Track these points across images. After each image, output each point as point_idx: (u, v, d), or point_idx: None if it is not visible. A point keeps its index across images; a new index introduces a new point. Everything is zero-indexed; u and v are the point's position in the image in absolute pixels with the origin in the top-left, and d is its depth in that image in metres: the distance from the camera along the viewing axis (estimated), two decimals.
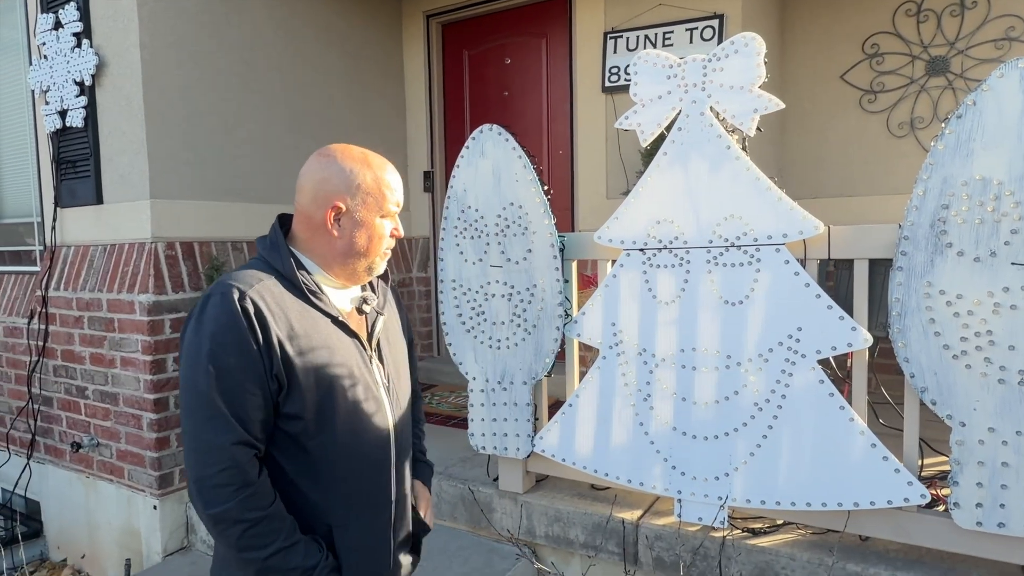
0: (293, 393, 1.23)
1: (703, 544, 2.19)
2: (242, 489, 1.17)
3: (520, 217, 2.44)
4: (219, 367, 1.18)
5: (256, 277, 1.25)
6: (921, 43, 3.83)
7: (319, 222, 1.31)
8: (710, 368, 2.14)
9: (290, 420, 1.25)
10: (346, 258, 1.34)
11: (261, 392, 1.20)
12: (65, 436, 3.47)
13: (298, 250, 1.35)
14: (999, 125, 1.73)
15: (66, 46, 3.24)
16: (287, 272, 1.29)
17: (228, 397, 1.18)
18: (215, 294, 1.21)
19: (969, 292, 1.78)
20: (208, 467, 1.17)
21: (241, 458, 1.18)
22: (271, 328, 1.20)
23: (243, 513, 1.17)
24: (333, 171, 1.31)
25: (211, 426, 1.17)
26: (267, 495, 1.21)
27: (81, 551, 3.52)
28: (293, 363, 1.23)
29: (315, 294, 1.31)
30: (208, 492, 1.17)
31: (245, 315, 1.19)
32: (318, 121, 3.95)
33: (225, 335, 1.18)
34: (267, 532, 1.20)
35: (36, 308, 3.51)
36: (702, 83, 2.12)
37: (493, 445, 2.59)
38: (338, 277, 1.37)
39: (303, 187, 1.33)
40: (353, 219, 1.31)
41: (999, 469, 1.78)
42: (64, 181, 3.41)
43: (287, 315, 1.24)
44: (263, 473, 1.23)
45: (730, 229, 2.09)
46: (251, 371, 1.19)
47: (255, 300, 1.20)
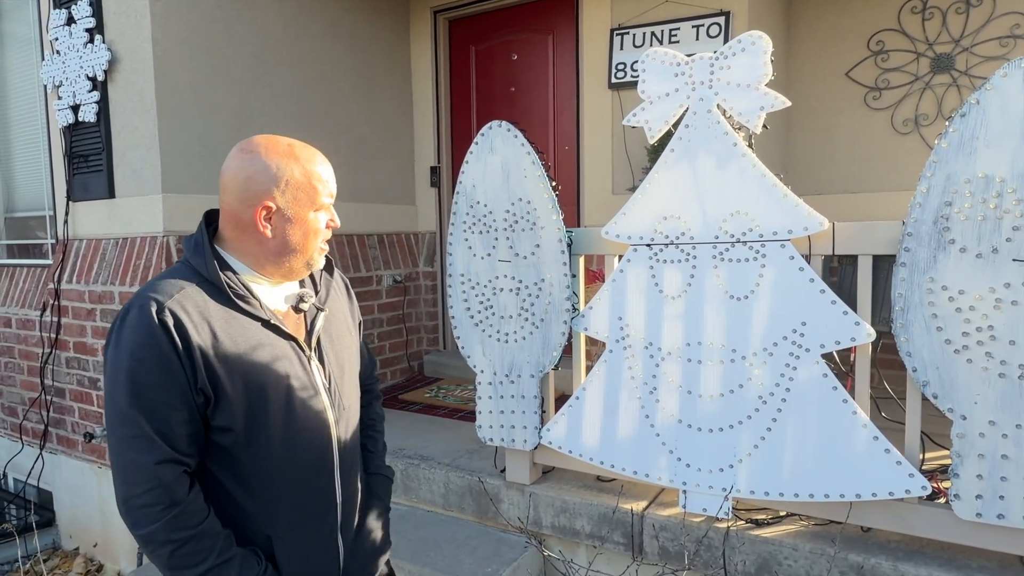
0: (221, 404, 1.19)
1: (707, 534, 2.23)
2: (169, 509, 1.14)
3: (528, 212, 2.47)
4: (139, 384, 1.14)
5: (176, 286, 1.19)
6: (926, 40, 3.85)
7: (248, 222, 1.25)
8: (715, 362, 2.18)
9: (221, 432, 1.22)
10: (280, 257, 1.28)
11: (186, 407, 1.17)
12: (77, 427, 3.52)
13: (226, 250, 1.28)
14: (1002, 124, 1.75)
15: (78, 41, 3.27)
16: (211, 276, 1.23)
17: (150, 415, 1.14)
18: (133, 307, 1.17)
19: (971, 288, 1.81)
20: (133, 487, 1.14)
21: (166, 477, 1.14)
22: (192, 340, 1.16)
23: (171, 533, 1.14)
24: (258, 168, 1.23)
25: (134, 445, 1.14)
26: (196, 513, 1.18)
27: (93, 540, 3.57)
28: (218, 374, 1.18)
29: (243, 298, 1.25)
30: (134, 513, 1.15)
31: (164, 329, 1.14)
32: (326, 116, 3.99)
33: (143, 351, 1.14)
34: (198, 551, 1.17)
35: (48, 300, 3.56)
36: (709, 81, 2.14)
37: (500, 437, 2.63)
38: (272, 276, 1.31)
39: (227, 185, 1.25)
40: (284, 216, 1.25)
41: (999, 461, 1.81)
42: (76, 175, 3.45)
43: (211, 324, 1.19)
44: (194, 490, 1.19)
45: (736, 225, 2.12)
46: (173, 386, 1.15)
47: (175, 311, 1.16)
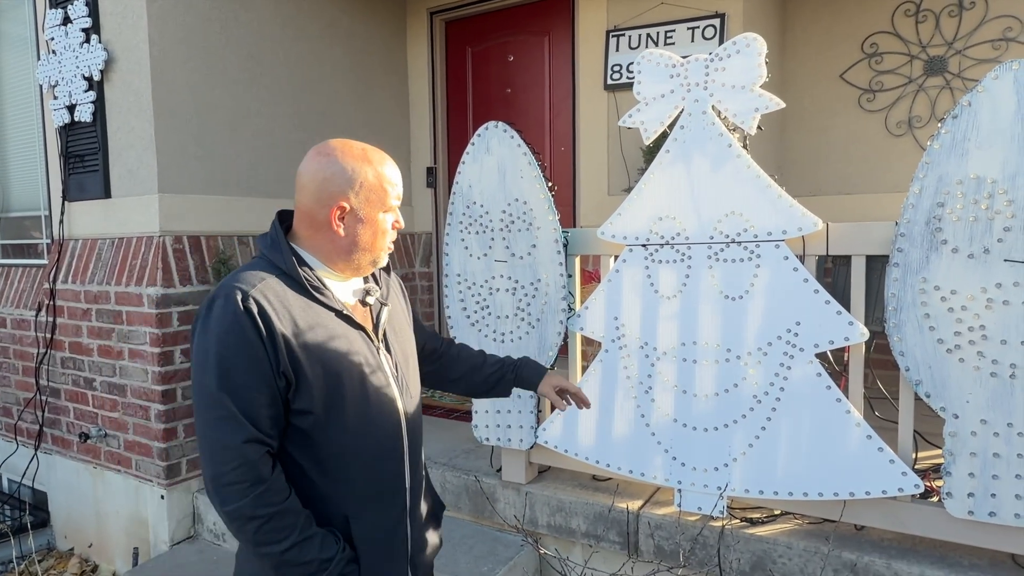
0: (302, 389, 1.25)
1: (702, 533, 2.25)
2: (255, 486, 1.20)
3: (525, 213, 2.48)
4: (226, 368, 1.20)
5: (258, 277, 1.27)
6: (919, 43, 3.88)
7: (323, 221, 1.32)
8: (710, 361, 2.19)
9: (301, 415, 1.27)
10: (350, 254, 1.36)
11: (269, 390, 1.22)
12: (73, 427, 3.52)
13: (300, 247, 1.36)
14: (993, 125, 1.78)
15: (75, 41, 3.27)
16: (289, 269, 1.31)
17: (236, 397, 1.20)
18: (219, 296, 1.24)
19: (963, 288, 1.83)
20: (221, 465, 1.20)
21: (252, 456, 1.20)
22: (275, 326, 1.22)
23: (256, 509, 1.20)
24: (335, 170, 1.31)
25: (222, 426, 1.20)
26: (280, 491, 1.23)
27: (88, 540, 3.57)
28: (299, 359, 1.24)
29: (318, 290, 1.32)
30: (222, 490, 1.20)
31: (249, 316, 1.21)
32: (323, 117, 3.99)
33: (230, 337, 1.20)
34: (282, 527, 1.22)
35: (44, 300, 3.55)
36: (704, 82, 2.16)
37: (497, 437, 2.64)
38: (342, 272, 1.38)
39: (305, 186, 1.33)
40: (357, 217, 1.33)
41: (990, 460, 1.83)
42: (72, 175, 3.45)
43: (291, 312, 1.26)
44: (276, 469, 1.25)
45: (731, 225, 2.14)
46: (257, 370, 1.21)
47: (258, 300, 1.22)
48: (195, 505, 3.21)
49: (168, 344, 3.09)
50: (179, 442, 3.15)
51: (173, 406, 3.12)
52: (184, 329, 3.15)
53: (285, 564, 1.23)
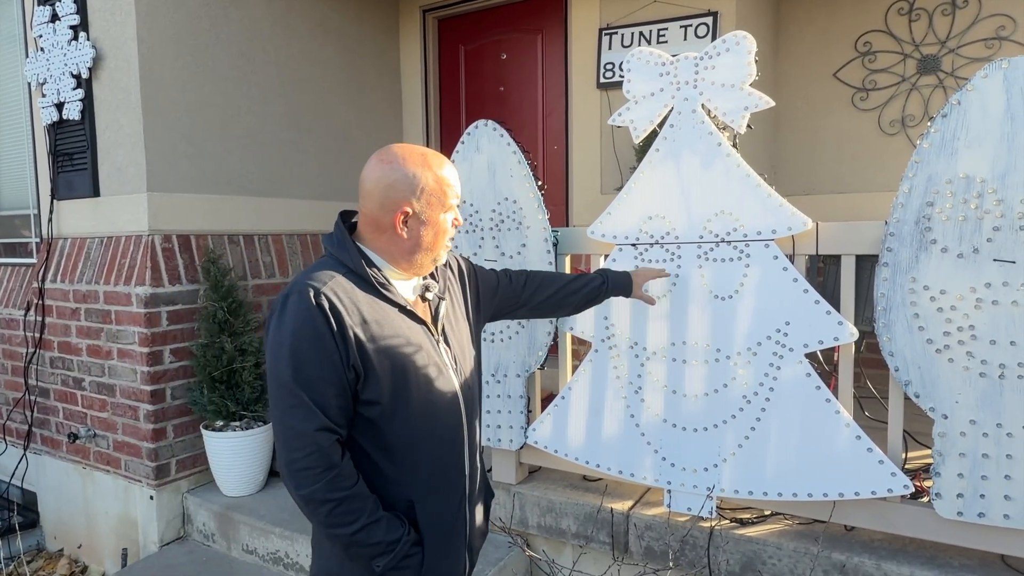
0: (370, 380, 1.32)
1: (692, 534, 2.24)
2: (327, 471, 1.26)
3: (514, 212, 2.47)
4: (300, 359, 1.27)
5: (329, 275, 1.34)
6: (913, 42, 3.87)
7: (387, 225, 1.38)
8: (700, 361, 2.18)
9: (368, 405, 1.34)
10: (412, 255, 1.42)
11: (339, 381, 1.29)
12: (62, 427, 3.49)
13: (365, 247, 1.42)
14: (983, 124, 1.76)
15: (63, 39, 3.25)
16: (357, 268, 1.37)
17: (309, 387, 1.26)
18: (293, 293, 1.31)
19: (952, 288, 1.82)
20: (295, 451, 1.26)
21: (324, 443, 1.27)
22: (345, 322, 1.29)
23: (328, 493, 1.26)
24: (398, 176, 1.36)
25: (295, 414, 1.26)
26: (350, 476, 1.30)
27: (78, 541, 3.54)
28: (368, 352, 1.31)
29: (384, 286, 1.38)
30: (297, 475, 1.27)
31: (321, 311, 1.27)
32: (315, 115, 3.97)
33: (304, 330, 1.27)
34: (352, 510, 1.29)
35: (32, 300, 3.53)
36: (694, 80, 2.15)
37: (487, 437, 2.62)
38: (405, 271, 1.44)
39: (370, 192, 1.39)
40: (420, 220, 1.38)
41: (980, 460, 1.82)
42: (61, 173, 3.43)
43: (359, 308, 1.33)
44: (346, 456, 1.31)
45: (720, 225, 2.13)
46: (329, 363, 1.27)
47: (329, 296, 1.29)
48: (184, 506, 3.19)
49: (157, 344, 3.07)
50: (168, 442, 3.13)
51: (162, 406, 3.10)
52: (174, 329, 3.13)
53: (355, 545, 1.30)
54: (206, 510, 3.09)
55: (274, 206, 3.68)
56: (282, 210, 3.73)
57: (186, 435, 3.20)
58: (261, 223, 3.61)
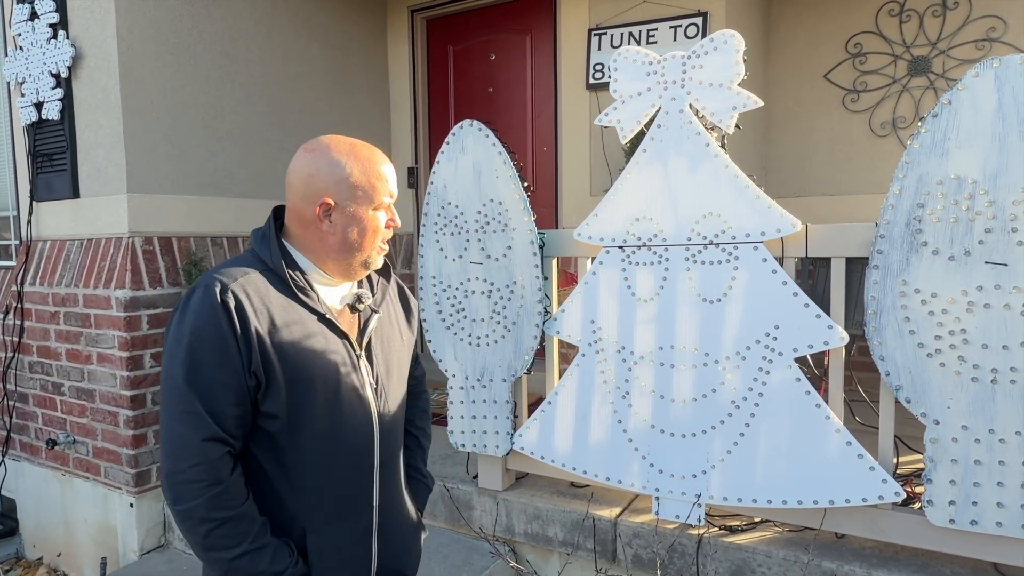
0: (271, 390, 1.22)
1: (680, 542, 2.19)
2: (212, 486, 1.16)
3: (500, 214, 2.42)
4: (196, 361, 1.17)
5: (242, 271, 1.24)
6: (903, 43, 3.85)
7: (310, 218, 1.29)
8: (688, 366, 2.14)
9: (268, 418, 1.23)
10: (339, 254, 1.31)
11: (238, 388, 1.19)
12: (41, 433, 3.42)
13: (293, 245, 1.33)
14: (974, 124, 1.73)
15: (42, 37, 3.19)
16: (275, 266, 1.27)
17: (203, 392, 1.17)
18: (199, 287, 1.21)
19: (943, 291, 1.79)
20: (179, 462, 1.16)
21: (212, 454, 1.16)
22: (251, 323, 1.19)
23: (210, 512, 1.16)
24: (321, 165, 1.27)
25: (184, 420, 1.16)
26: (237, 495, 1.19)
27: (57, 549, 3.48)
28: (272, 359, 1.21)
29: (303, 290, 1.28)
30: (178, 487, 1.16)
31: (225, 309, 1.17)
32: (300, 116, 3.92)
33: (204, 329, 1.17)
34: (234, 533, 1.18)
35: (11, 303, 3.46)
36: (681, 80, 2.11)
37: (472, 443, 2.58)
38: (333, 273, 1.34)
39: (292, 183, 1.30)
40: (344, 214, 1.28)
41: (972, 467, 1.79)
42: (40, 175, 3.36)
43: (270, 310, 1.23)
44: (236, 471, 1.21)
45: (708, 227, 2.09)
46: (228, 367, 1.18)
47: (237, 294, 1.19)
48: (165, 513, 3.13)
49: (137, 348, 3.01)
50: (148, 448, 3.07)
51: (142, 411, 3.04)
52: (154, 333, 3.07)
53: (233, 572, 1.19)
54: None
55: (258, 207, 3.63)
56: (266, 211, 3.63)
57: None
58: (245, 225, 3.55)
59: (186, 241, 3.25)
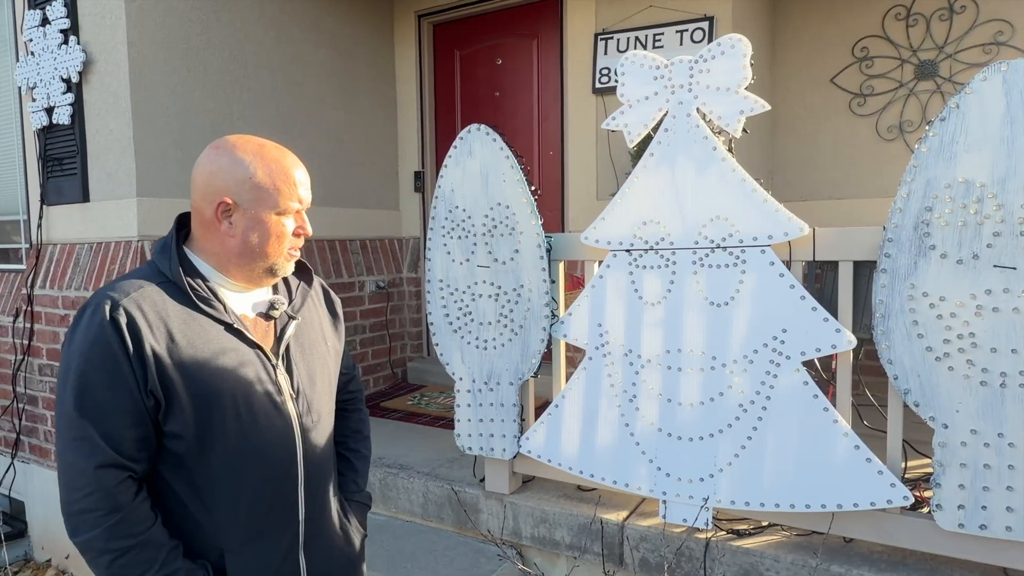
0: (173, 410, 1.16)
1: (688, 545, 2.19)
2: (109, 515, 1.10)
3: (507, 217, 2.43)
4: (86, 384, 1.11)
5: (135, 285, 1.17)
6: (910, 47, 3.85)
7: (209, 219, 1.22)
8: (695, 369, 2.14)
9: (173, 439, 1.18)
10: (241, 258, 1.24)
11: (134, 410, 1.13)
12: (50, 435, 3.44)
13: (194, 251, 1.26)
14: (982, 128, 1.73)
15: (53, 43, 3.22)
16: (174, 276, 1.21)
17: (94, 417, 1.11)
18: (90, 305, 1.15)
19: (952, 294, 1.79)
20: (72, 491, 1.11)
21: (107, 482, 1.10)
22: (144, 340, 1.13)
23: (109, 542, 1.10)
24: (223, 164, 1.21)
25: (75, 447, 1.11)
26: (140, 521, 1.14)
27: (65, 551, 3.49)
28: (171, 377, 1.15)
29: (206, 301, 1.22)
30: (73, 518, 1.12)
31: (115, 328, 1.11)
32: (308, 119, 3.94)
33: (93, 350, 1.11)
34: (138, 562, 1.12)
35: (21, 306, 3.48)
36: (688, 84, 2.12)
37: (479, 446, 2.58)
38: (237, 280, 1.27)
39: (194, 181, 1.24)
40: (245, 216, 1.22)
41: (981, 471, 1.78)
42: (51, 179, 3.39)
43: (168, 325, 1.16)
44: (139, 496, 1.15)
45: (716, 230, 2.09)
46: (121, 388, 1.12)
47: (129, 310, 1.13)
48: None
49: None
50: None
51: None
52: None
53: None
54: None
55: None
56: None
57: None
58: None
59: None
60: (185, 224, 1.30)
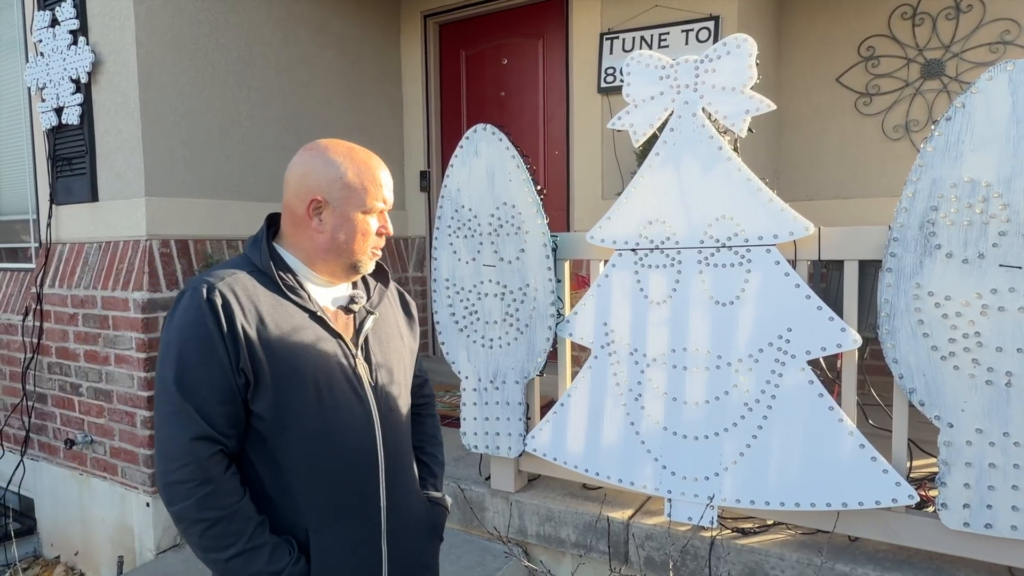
0: (259, 388, 1.22)
1: (693, 544, 2.20)
2: (201, 486, 1.16)
3: (513, 217, 2.44)
4: (184, 362, 1.19)
5: (229, 272, 1.26)
6: (916, 46, 3.84)
7: (301, 216, 1.31)
8: (701, 368, 2.15)
9: (258, 418, 1.24)
10: (328, 253, 1.33)
11: (227, 387, 1.20)
12: (59, 433, 3.47)
13: (284, 246, 1.35)
14: (988, 127, 1.73)
15: (62, 43, 3.24)
16: (264, 267, 1.29)
17: (191, 391, 1.18)
18: (188, 289, 1.23)
19: (957, 294, 1.79)
20: (169, 462, 1.17)
21: (201, 454, 1.16)
22: (237, 321, 1.20)
23: (200, 512, 1.15)
24: (316, 164, 1.31)
25: (172, 421, 1.18)
26: (230, 494, 1.19)
27: (74, 548, 3.52)
28: (259, 357, 1.21)
29: (292, 289, 1.29)
30: (169, 488, 1.17)
31: (212, 309, 1.19)
32: (315, 120, 3.96)
33: (191, 329, 1.19)
34: (227, 533, 1.17)
35: (31, 305, 3.51)
36: (694, 84, 2.12)
37: (485, 444, 2.59)
38: (322, 274, 1.35)
39: (288, 181, 1.34)
40: (335, 213, 1.30)
41: (986, 470, 1.78)
42: (60, 178, 3.42)
43: (258, 309, 1.23)
44: (229, 471, 1.21)
45: (721, 230, 2.10)
46: (216, 365, 1.19)
47: (224, 293, 1.21)
48: None
49: (154, 349, 3.05)
50: None
51: None
52: None
53: (229, 572, 1.19)
54: None
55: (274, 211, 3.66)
56: None
57: None
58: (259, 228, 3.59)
59: (202, 244, 3.29)
60: (274, 223, 1.39)
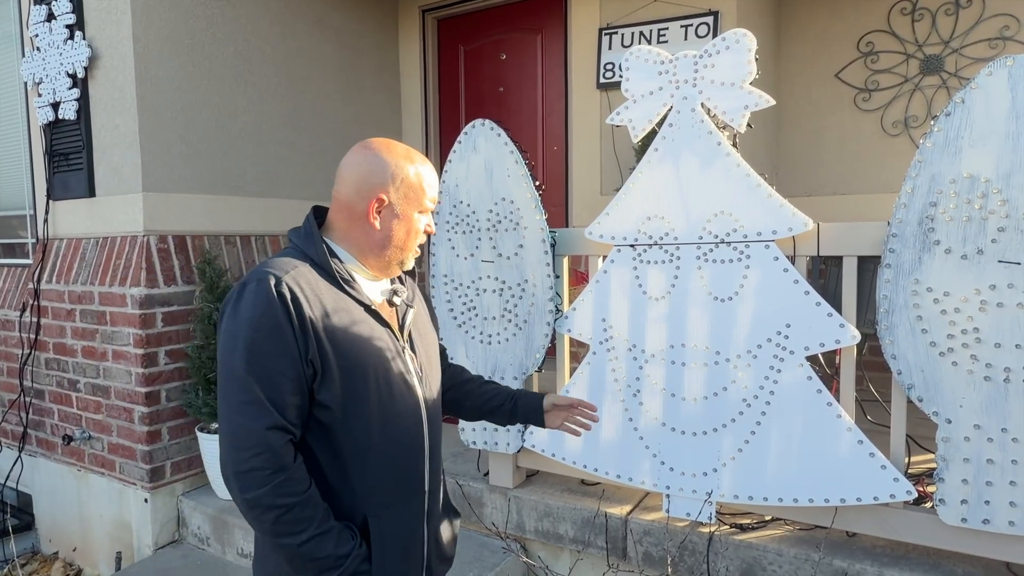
0: (326, 379, 1.25)
1: (691, 539, 2.20)
2: (276, 474, 1.18)
3: (512, 212, 2.44)
4: (255, 352, 1.19)
5: (291, 264, 1.27)
6: (916, 42, 3.83)
7: (360, 213, 1.33)
8: (699, 364, 2.15)
9: (321, 408, 1.26)
10: (382, 250, 1.36)
11: (296, 377, 1.22)
12: (57, 429, 3.47)
13: (333, 240, 1.37)
14: (987, 123, 1.73)
15: (59, 38, 3.22)
16: (320, 260, 1.31)
17: (264, 381, 1.19)
18: (251, 281, 1.23)
19: (956, 290, 1.79)
20: (243, 451, 1.18)
21: (275, 443, 1.19)
22: (305, 312, 1.22)
23: (276, 499, 1.18)
24: (378, 163, 1.33)
25: (246, 410, 1.19)
26: (301, 481, 1.22)
27: (72, 544, 3.52)
28: (326, 348, 1.24)
29: (348, 282, 1.32)
30: (243, 477, 1.18)
31: (281, 300, 1.20)
32: (313, 115, 3.95)
33: (261, 320, 1.20)
34: (301, 519, 1.20)
35: (28, 301, 3.50)
36: (693, 79, 2.12)
37: (484, 440, 2.59)
38: (372, 268, 1.39)
39: (345, 177, 1.34)
40: (394, 212, 1.34)
41: (984, 466, 1.79)
42: (57, 174, 3.40)
43: (322, 301, 1.26)
44: (298, 459, 1.23)
45: (720, 225, 2.09)
46: (287, 356, 1.20)
47: (291, 285, 1.22)
48: (179, 509, 3.16)
49: (152, 345, 3.04)
50: (163, 445, 3.10)
51: (157, 408, 3.07)
52: (169, 330, 3.10)
53: (300, 557, 1.22)
54: (201, 513, 3.06)
55: (271, 206, 3.66)
56: (279, 210, 3.71)
57: (181, 437, 3.17)
58: (258, 224, 3.59)
59: (200, 239, 3.28)
60: (318, 216, 1.40)
